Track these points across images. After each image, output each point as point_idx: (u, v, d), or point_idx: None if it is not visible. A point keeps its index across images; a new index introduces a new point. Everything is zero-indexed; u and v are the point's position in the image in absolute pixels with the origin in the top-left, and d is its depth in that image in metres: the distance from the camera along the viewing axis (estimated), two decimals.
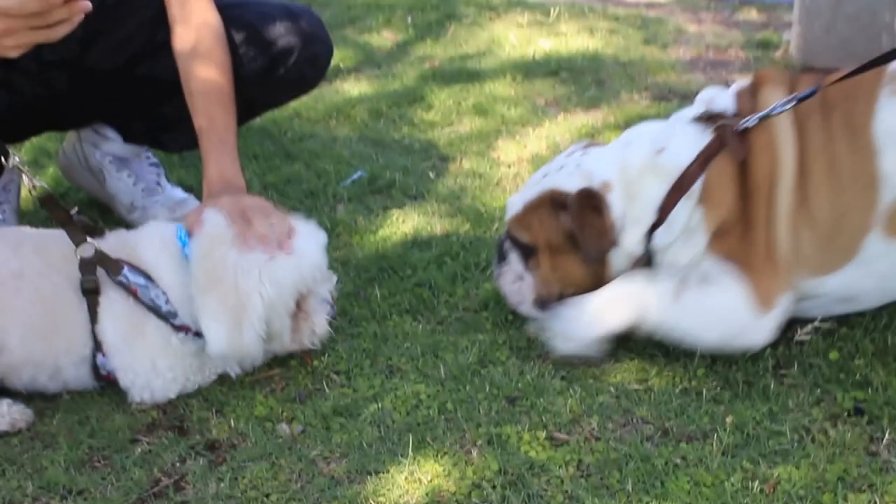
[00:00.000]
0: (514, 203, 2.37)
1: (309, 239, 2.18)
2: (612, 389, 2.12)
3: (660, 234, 2.20)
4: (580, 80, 4.02)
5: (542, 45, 4.46)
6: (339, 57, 3.94)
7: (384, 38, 4.74)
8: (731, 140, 2.13)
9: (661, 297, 2.15)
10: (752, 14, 5.06)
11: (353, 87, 4.10)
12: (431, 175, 3.22)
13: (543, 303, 2.33)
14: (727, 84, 3.92)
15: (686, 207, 2.16)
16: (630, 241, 2.22)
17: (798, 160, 2.09)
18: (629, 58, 4.28)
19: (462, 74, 4.09)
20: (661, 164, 2.19)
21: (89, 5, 1.94)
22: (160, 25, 2.54)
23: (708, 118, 2.21)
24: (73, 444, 2.03)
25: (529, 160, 3.28)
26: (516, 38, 4.57)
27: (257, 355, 2.18)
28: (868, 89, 2.08)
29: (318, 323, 2.24)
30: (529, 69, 4.13)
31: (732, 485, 1.82)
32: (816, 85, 2.12)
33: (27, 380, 2.13)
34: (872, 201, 2.05)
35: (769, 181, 2.09)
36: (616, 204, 2.21)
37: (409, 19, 4.92)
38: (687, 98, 3.79)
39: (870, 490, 1.81)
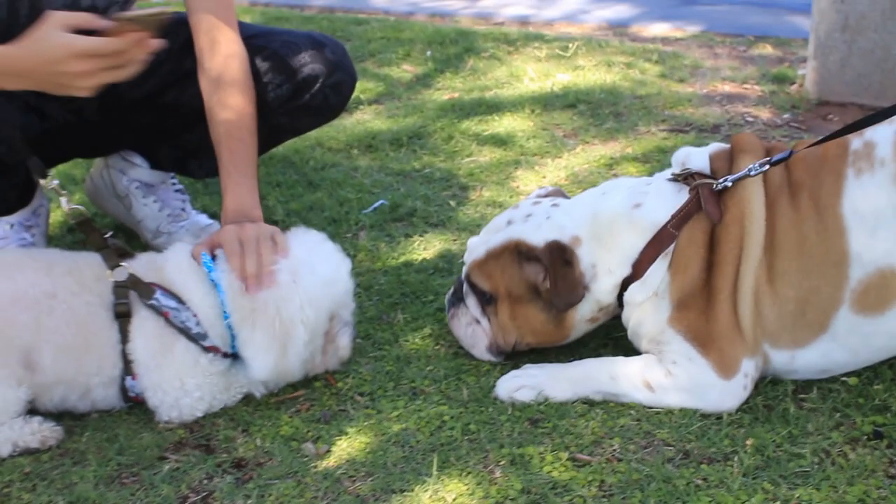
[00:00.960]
0: (477, 246, 2.36)
1: (338, 263, 2.23)
2: (633, 412, 2.15)
3: (634, 290, 2.23)
4: (598, 113, 4.06)
5: (560, 78, 4.51)
6: (359, 89, 3.99)
7: (404, 71, 4.79)
8: (706, 202, 2.17)
9: (632, 377, 2.19)
10: (767, 49, 5.11)
11: (375, 119, 4.15)
12: (452, 204, 3.26)
13: (498, 349, 2.35)
14: (744, 118, 3.99)
15: (662, 267, 2.19)
16: (600, 290, 2.26)
17: (766, 237, 2.13)
18: (646, 91, 4.32)
19: (481, 106, 4.14)
20: (637, 218, 2.22)
21: (162, 43, 2.00)
22: (188, 54, 2.59)
23: (685, 177, 2.24)
24: (102, 460, 2.06)
25: None
26: (535, 71, 4.62)
27: (298, 377, 2.24)
28: (833, 170, 2.12)
29: (342, 345, 2.29)
30: (548, 101, 4.18)
31: None
32: (790, 150, 2.17)
33: (58, 400, 2.16)
34: (842, 278, 2.09)
35: (736, 255, 2.13)
36: (585, 257, 2.24)
37: (429, 53, 4.98)
38: (703, 131, 3.84)
39: None
